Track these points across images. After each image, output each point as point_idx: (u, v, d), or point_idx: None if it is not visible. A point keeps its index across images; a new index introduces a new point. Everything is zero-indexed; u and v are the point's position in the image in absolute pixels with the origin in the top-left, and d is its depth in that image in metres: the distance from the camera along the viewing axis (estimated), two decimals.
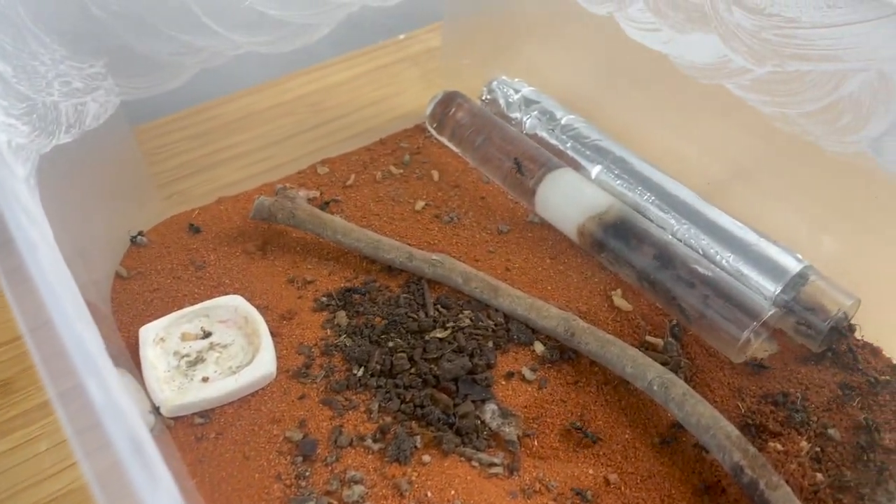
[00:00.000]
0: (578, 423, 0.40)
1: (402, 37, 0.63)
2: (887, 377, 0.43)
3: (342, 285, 0.47)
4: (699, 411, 0.39)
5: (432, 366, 0.43)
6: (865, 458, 0.40)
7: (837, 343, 0.44)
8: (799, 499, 0.37)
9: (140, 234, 0.50)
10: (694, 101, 0.51)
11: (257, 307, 0.45)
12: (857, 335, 0.45)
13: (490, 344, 0.44)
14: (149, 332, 0.43)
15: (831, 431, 0.40)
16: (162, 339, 0.43)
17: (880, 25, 0.39)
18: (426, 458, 0.39)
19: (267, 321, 0.44)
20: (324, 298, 0.47)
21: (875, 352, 0.45)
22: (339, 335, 0.44)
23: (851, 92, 0.41)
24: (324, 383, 0.42)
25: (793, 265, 0.44)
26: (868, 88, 0.41)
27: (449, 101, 0.56)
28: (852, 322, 0.44)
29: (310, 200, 0.52)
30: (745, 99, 0.46)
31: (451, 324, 0.45)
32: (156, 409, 0.40)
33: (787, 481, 0.37)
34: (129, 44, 0.44)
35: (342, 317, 0.45)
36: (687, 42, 0.48)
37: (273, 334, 0.44)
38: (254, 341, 0.43)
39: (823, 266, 0.45)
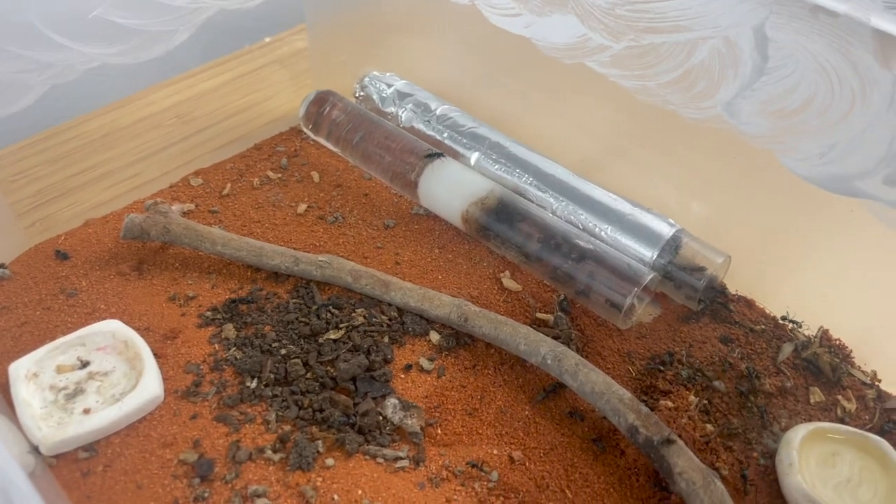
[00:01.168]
0: (474, 461, 0.39)
1: (267, 40, 0.61)
2: (762, 326, 0.46)
3: (227, 297, 0.46)
4: (592, 379, 0.40)
5: (328, 368, 0.42)
6: (749, 404, 0.42)
7: (714, 300, 0.47)
8: (692, 450, 0.38)
9: (2, 266, 0.47)
10: (560, 82, 0.53)
11: (138, 329, 0.43)
12: (732, 290, 0.48)
13: (386, 339, 0.44)
14: (19, 369, 0.40)
15: (716, 383, 0.42)
16: (35, 375, 0.41)
17: None
18: (330, 461, 0.38)
19: (149, 343, 0.42)
20: (208, 313, 0.45)
21: (749, 304, 0.47)
22: (229, 349, 0.43)
23: (702, 59, 0.43)
24: (216, 400, 0.41)
25: (666, 230, 0.46)
26: (716, 55, 0.43)
27: (322, 101, 0.56)
28: (724, 280, 0.47)
29: (184, 214, 0.51)
30: (607, 75, 0.48)
31: (344, 324, 0.44)
32: (35, 449, 0.38)
33: (679, 435, 0.39)
34: None
35: (230, 329, 0.44)
36: (547, 24, 0.49)
37: (157, 356, 0.42)
38: (136, 365, 0.41)
39: (695, 228, 0.47)
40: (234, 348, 0.43)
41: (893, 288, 0.43)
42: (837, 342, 0.45)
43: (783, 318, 0.46)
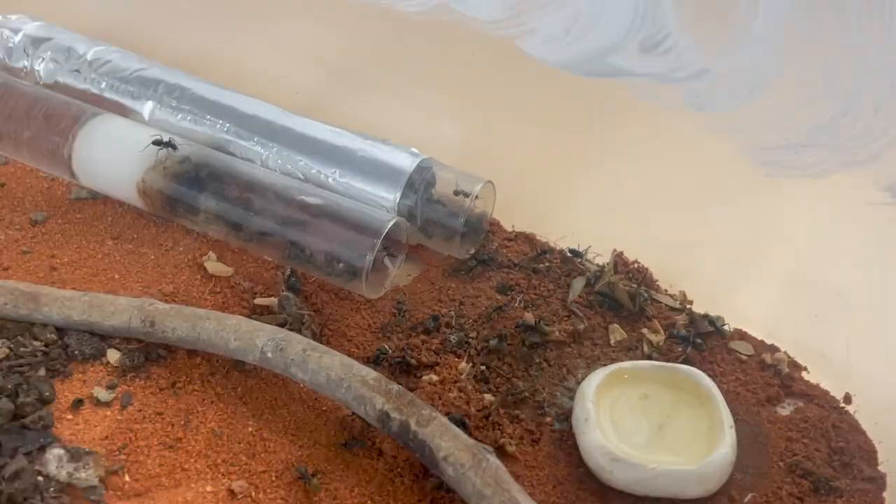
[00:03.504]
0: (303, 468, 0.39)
1: None
2: (547, 263, 0.48)
3: None
4: (326, 365, 0.40)
5: None
6: (538, 360, 0.44)
7: (484, 242, 0.49)
8: (469, 427, 0.40)
9: None
10: (267, 4, 0.53)
11: None
12: (508, 227, 0.50)
13: (41, 372, 0.43)
14: None
15: (493, 342, 0.44)
16: None
17: None
18: None
19: None
20: None
21: (529, 239, 0.50)
22: None
23: None
24: None
25: (409, 162, 0.48)
26: None
27: None
28: (494, 215, 0.49)
29: None
30: None
31: None
32: None
33: (448, 413, 0.40)
34: None
35: None
36: None
37: None
38: None
39: (447, 156, 0.49)
40: None
41: (689, 187, 0.47)
42: (635, 265, 0.48)
43: (571, 251, 0.49)
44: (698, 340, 0.46)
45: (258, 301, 0.47)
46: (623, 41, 0.43)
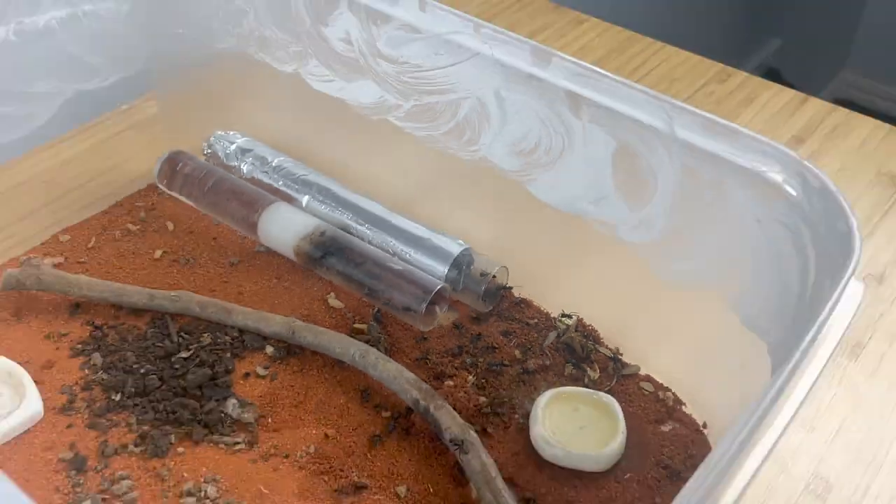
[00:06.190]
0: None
1: (123, 107, 0.79)
2: (535, 320, 0.65)
3: (94, 332, 0.62)
4: (388, 368, 0.58)
5: (180, 380, 0.59)
6: (519, 379, 0.61)
7: (498, 303, 0.66)
8: (466, 416, 0.57)
9: None
10: (372, 134, 0.71)
11: (19, 363, 0.59)
12: (516, 294, 0.67)
13: (228, 354, 0.61)
14: None
15: (493, 366, 0.61)
16: None
17: (469, 65, 0.61)
18: (181, 449, 0.55)
19: (30, 372, 0.58)
20: (79, 346, 0.61)
21: (527, 304, 0.66)
22: (97, 372, 0.60)
23: (466, 114, 0.63)
24: (87, 412, 0.57)
25: (455, 249, 0.65)
26: (475, 111, 0.62)
27: (174, 160, 0.73)
28: (508, 285, 0.66)
29: (56, 265, 0.67)
30: (404, 128, 0.67)
31: (193, 345, 0.61)
32: None
33: (455, 406, 0.57)
34: None
35: (97, 357, 0.60)
36: (355, 88, 0.68)
37: (37, 382, 0.58)
38: (19, 390, 0.57)
39: (482, 247, 0.66)
40: (102, 371, 0.60)
41: (626, 283, 0.63)
42: (590, 328, 0.64)
43: (562, 315, 0.65)
44: (620, 378, 0.61)
45: (356, 325, 0.63)
46: (584, 194, 0.59)
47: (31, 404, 0.56)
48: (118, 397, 0.58)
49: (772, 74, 2.34)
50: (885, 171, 0.79)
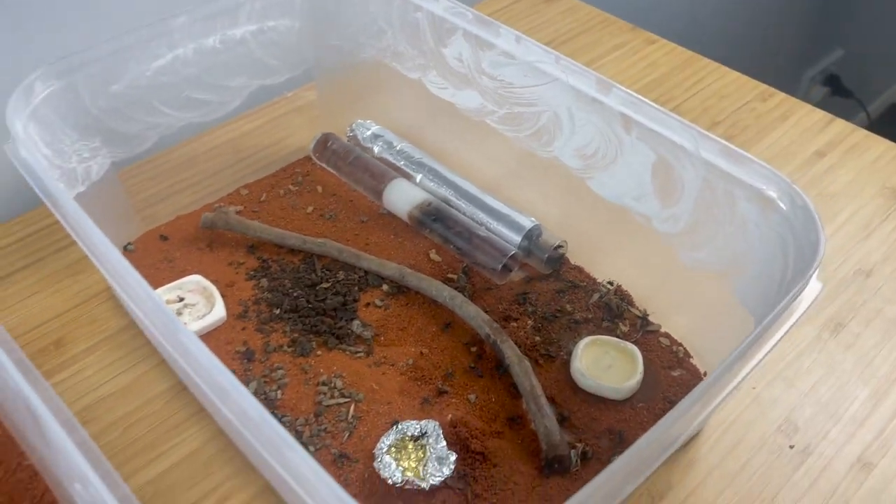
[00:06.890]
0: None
1: (289, 94, 0.89)
2: (584, 283, 0.73)
3: (262, 264, 0.74)
4: (469, 309, 0.67)
5: (321, 304, 0.70)
6: (566, 327, 0.69)
7: (558, 268, 0.74)
8: (523, 350, 0.66)
9: (129, 244, 0.75)
10: (474, 130, 0.79)
11: (211, 280, 0.71)
12: (572, 262, 0.75)
13: (356, 288, 0.72)
14: None
15: (548, 315, 0.69)
16: None
17: (549, 87, 0.68)
18: (319, 352, 0.66)
19: (218, 288, 0.70)
20: (252, 272, 0.73)
21: (580, 270, 0.74)
22: (263, 292, 0.71)
23: (544, 123, 0.70)
24: (256, 320, 0.69)
25: (527, 223, 0.73)
26: (551, 121, 0.70)
27: (325, 140, 0.83)
28: (566, 255, 0.74)
29: (238, 213, 0.79)
30: (498, 129, 0.75)
31: (332, 279, 0.72)
32: None
33: (516, 341, 0.66)
34: (114, 127, 0.70)
35: (264, 282, 0.72)
36: (463, 95, 0.77)
37: (223, 295, 0.70)
38: (210, 300, 0.69)
39: (549, 224, 0.74)
40: (267, 292, 0.71)
41: (656, 262, 0.69)
42: (626, 293, 0.71)
43: (606, 282, 0.72)
44: (644, 333, 0.69)
45: (449, 275, 0.72)
46: (629, 191, 0.66)
47: (218, 311, 0.68)
48: (278, 311, 0.69)
49: (832, 81, 2.27)
50: (889, 185, 0.82)
